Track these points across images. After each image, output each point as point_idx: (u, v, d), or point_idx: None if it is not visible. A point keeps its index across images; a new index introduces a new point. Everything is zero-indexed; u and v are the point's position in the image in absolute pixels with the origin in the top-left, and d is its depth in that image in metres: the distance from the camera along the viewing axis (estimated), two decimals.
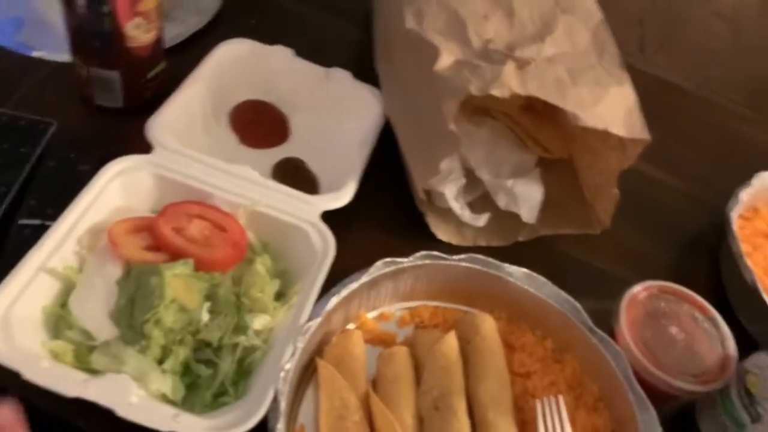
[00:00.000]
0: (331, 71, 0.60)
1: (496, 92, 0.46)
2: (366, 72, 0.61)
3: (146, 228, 0.46)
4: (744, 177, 0.61)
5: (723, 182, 0.61)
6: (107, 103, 0.55)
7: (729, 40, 1.77)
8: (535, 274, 0.50)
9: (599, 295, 0.51)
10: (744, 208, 0.61)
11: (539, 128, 0.60)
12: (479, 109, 0.59)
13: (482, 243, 0.56)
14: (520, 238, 0.57)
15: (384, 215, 0.56)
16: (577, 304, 0.49)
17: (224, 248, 0.46)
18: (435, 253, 0.49)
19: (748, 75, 0.98)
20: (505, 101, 0.56)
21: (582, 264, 0.58)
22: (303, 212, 0.49)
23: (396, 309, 0.50)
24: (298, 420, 0.44)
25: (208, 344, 0.43)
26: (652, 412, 0.44)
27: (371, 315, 0.49)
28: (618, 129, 0.48)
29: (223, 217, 0.48)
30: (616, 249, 0.59)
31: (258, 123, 0.59)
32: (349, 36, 0.69)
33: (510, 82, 0.47)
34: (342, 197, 0.51)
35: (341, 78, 0.60)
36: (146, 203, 0.49)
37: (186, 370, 0.43)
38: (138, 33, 0.51)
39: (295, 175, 0.56)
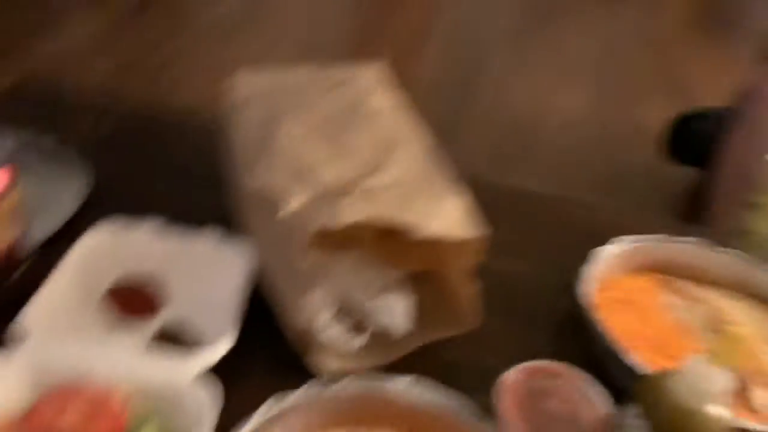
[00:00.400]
0: (199, 235, 0.63)
1: (338, 225, 0.51)
2: (233, 229, 0.65)
3: (19, 425, 0.45)
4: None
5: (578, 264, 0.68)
6: None
7: (575, 144, 1.98)
8: (422, 381, 0.53)
9: (487, 389, 0.53)
10: (596, 280, 0.67)
11: (400, 247, 0.65)
12: (344, 240, 0.63)
13: (367, 364, 0.58)
14: (403, 352, 0.60)
15: (270, 356, 0.58)
16: (465, 402, 0.52)
17: (104, 428, 0.46)
18: (320, 383, 0.51)
19: (591, 172, 1.09)
20: (364, 229, 0.61)
21: (468, 363, 0.62)
22: (183, 374, 0.50)
23: None
24: None
25: None
26: None
27: None
28: (456, 233, 0.54)
29: (101, 395, 0.48)
30: (497, 342, 0.63)
31: (133, 297, 0.61)
32: (214, 200, 0.73)
33: (350, 213, 0.52)
34: (219, 350, 0.52)
35: (210, 239, 0.63)
36: (19, 399, 0.48)
37: None
38: None
39: (174, 339, 0.57)
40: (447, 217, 0.55)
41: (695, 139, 1.34)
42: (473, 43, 2.56)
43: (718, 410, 0.44)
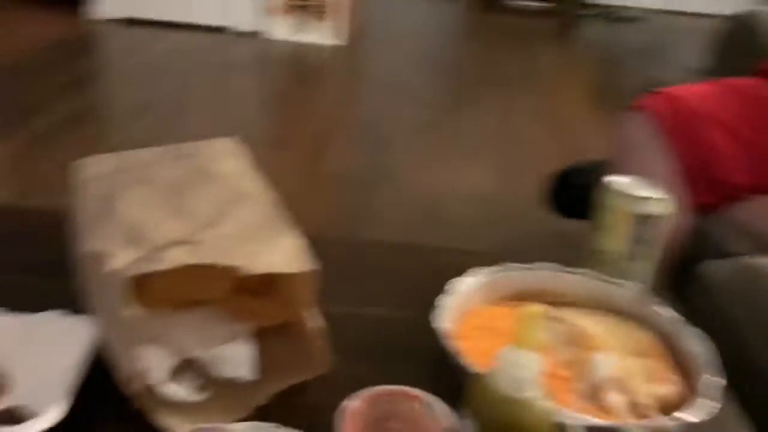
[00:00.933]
0: (41, 315, 0.62)
1: (159, 266, 0.51)
2: (80, 306, 0.64)
3: None
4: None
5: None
6: None
7: (482, 214, 2.03)
8: (264, 424, 0.52)
9: None
10: (455, 310, 0.68)
11: (256, 302, 0.65)
12: (193, 297, 0.63)
13: (221, 419, 0.56)
14: (259, 402, 0.58)
15: (118, 418, 0.56)
16: None
17: None
18: None
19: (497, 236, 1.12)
20: (216, 287, 0.61)
21: (331, 405, 0.61)
22: None
23: None
24: None
25: None
26: None
27: None
28: (286, 268, 0.55)
29: None
30: (363, 383, 0.62)
31: None
32: (64, 286, 0.72)
33: (176, 257, 0.53)
34: (45, 421, 0.51)
35: (51, 318, 0.62)
36: None
37: None
38: None
39: (17, 419, 0.55)
40: (277, 255, 0.56)
41: (574, 192, 1.41)
42: (381, 135, 2.67)
43: (533, 393, 0.45)
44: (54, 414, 0.51)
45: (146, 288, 0.57)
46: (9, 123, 2.37)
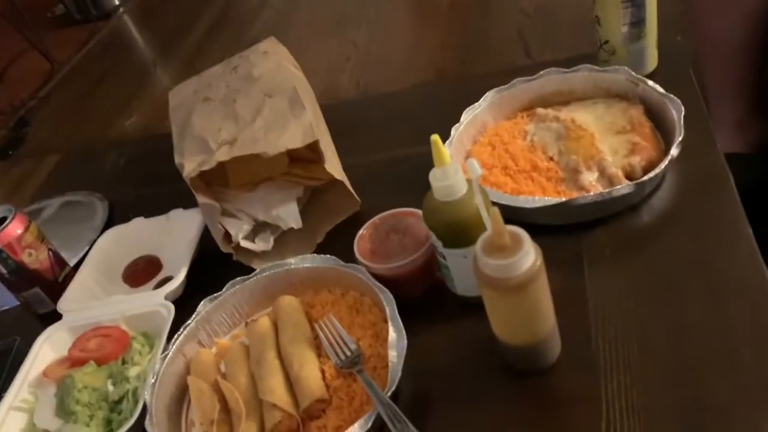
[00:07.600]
0: (173, 213, 0.88)
1: (206, 167, 0.72)
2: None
3: (66, 359, 0.73)
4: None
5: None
6: (43, 309, 0.84)
7: None
8: (318, 256, 0.72)
9: None
10: (465, 136, 0.81)
11: (307, 169, 0.84)
12: (266, 177, 0.84)
13: (291, 257, 0.78)
14: (318, 241, 0.79)
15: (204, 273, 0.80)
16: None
17: (112, 347, 0.72)
18: (238, 278, 0.73)
19: None
20: (275, 166, 0.82)
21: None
22: (154, 301, 0.75)
23: (239, 328, 0.73)
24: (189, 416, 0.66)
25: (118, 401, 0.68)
26: (387, 293, 0.64)
27: (225, 338, 0.72)
28: (294, 144, 0.73)
29: (109, 329, 0.74)
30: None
31: (139, 270, 0.87)
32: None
33: (219, 156, 0.73)
34: (175, 282, 0.77)
35: (178, 214, 0.88)
36: (66, 347, 0.76)
37: (108, 423, 0.67)
38: (33, 259, 0.81)
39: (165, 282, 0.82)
40: (290, 136, 0.74)
41: None
42: None
43: (463, 194, 0.59)
44: (180, 276, 0.77)
45: (230, 175, 0.80)
46: None
